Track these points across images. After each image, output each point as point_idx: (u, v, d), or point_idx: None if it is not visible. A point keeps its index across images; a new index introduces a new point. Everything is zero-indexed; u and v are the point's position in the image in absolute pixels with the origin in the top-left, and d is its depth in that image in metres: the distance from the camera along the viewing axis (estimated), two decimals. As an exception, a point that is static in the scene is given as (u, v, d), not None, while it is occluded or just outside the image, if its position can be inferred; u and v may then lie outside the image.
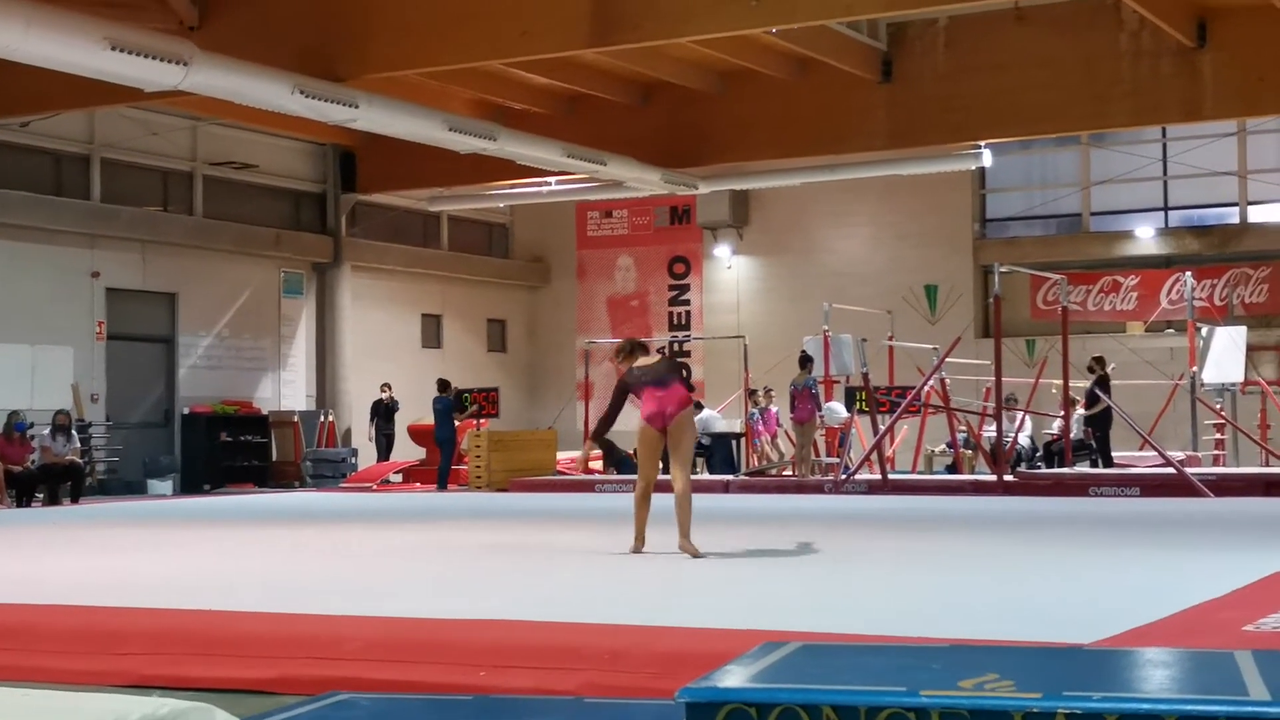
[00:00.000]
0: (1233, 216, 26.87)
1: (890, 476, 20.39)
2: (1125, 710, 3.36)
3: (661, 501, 10.69)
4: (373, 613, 7.22)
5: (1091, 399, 21.18)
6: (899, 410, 21.36)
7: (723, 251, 30.40)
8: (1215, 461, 23.10)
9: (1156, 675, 3.83)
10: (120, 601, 7.82)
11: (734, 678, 3.74)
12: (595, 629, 6.61)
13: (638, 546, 10.33)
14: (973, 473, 22.49)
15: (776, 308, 29.50)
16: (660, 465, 10.67)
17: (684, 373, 11.22)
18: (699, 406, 23.86)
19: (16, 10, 14.09)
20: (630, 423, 32.53)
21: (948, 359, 21.77)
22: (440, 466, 23.16)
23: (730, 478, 21.92)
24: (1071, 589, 8.38)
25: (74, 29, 14.67)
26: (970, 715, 3.44)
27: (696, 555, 9.83)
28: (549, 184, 26.13)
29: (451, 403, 23.28)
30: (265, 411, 25.41)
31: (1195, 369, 22.90)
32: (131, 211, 23.46)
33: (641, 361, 10.69)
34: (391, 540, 12.69)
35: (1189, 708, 3.34)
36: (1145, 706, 3.37)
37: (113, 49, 14.79)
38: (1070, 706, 3.38)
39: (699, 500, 10.24)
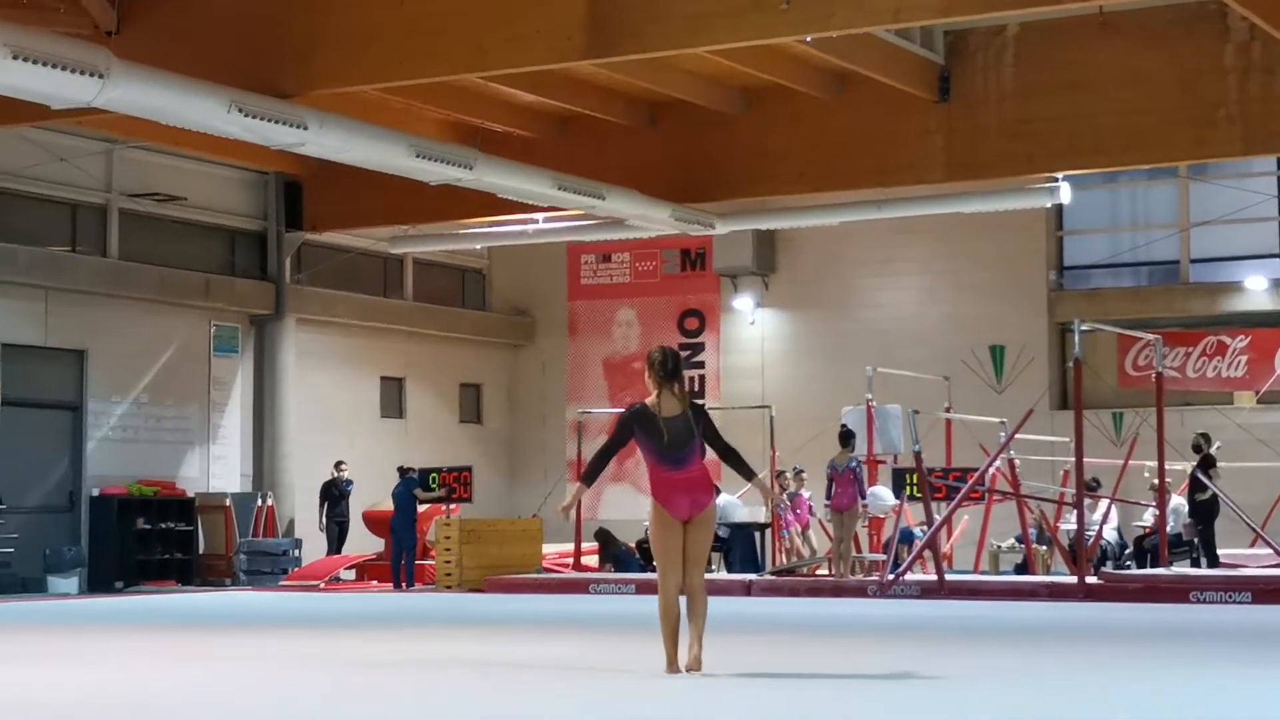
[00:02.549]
0: (1362, 265, 26.94)
1: (947, 577, 20.32)
2: None
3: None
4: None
5: (1194, 485, 21.12)
6: (959, 497, 21.31)
7: (744, 304, 30.44)
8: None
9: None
10: (14, 726, 7.77)
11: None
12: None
13: (672, 669, 9.93)
14: (1048, 573, 22.41)
15: (809, 372, 29.49)
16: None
17: (703, 427, 10.06)
18: (717, 491, 23.80)
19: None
20: (629, 509, 32.30)
21: (1017, 435, 21.73)
22: (394, 559, 23.24)
23: (753, 577, 21.85)
24: (1173, 718, 8.32)
25: (-33, 33, 14.75)
26: None
27: (697, 670, 9.72)
28: (535, 222, 26.18)
29: (414, 483, 23.34)
30: (191, 494, 25.38)
31: (1317, 449, 22.89)
32: (32, 252, 23.51)
33: (665, 402, 9.99)
34: (344, 652, 12.61)
35: None
36: None
37: (14, 58, 14.85)
38: None
39: (713, 605, 10.17)
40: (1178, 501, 22.46)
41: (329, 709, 8.75)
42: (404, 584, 23.26)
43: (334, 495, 25.79)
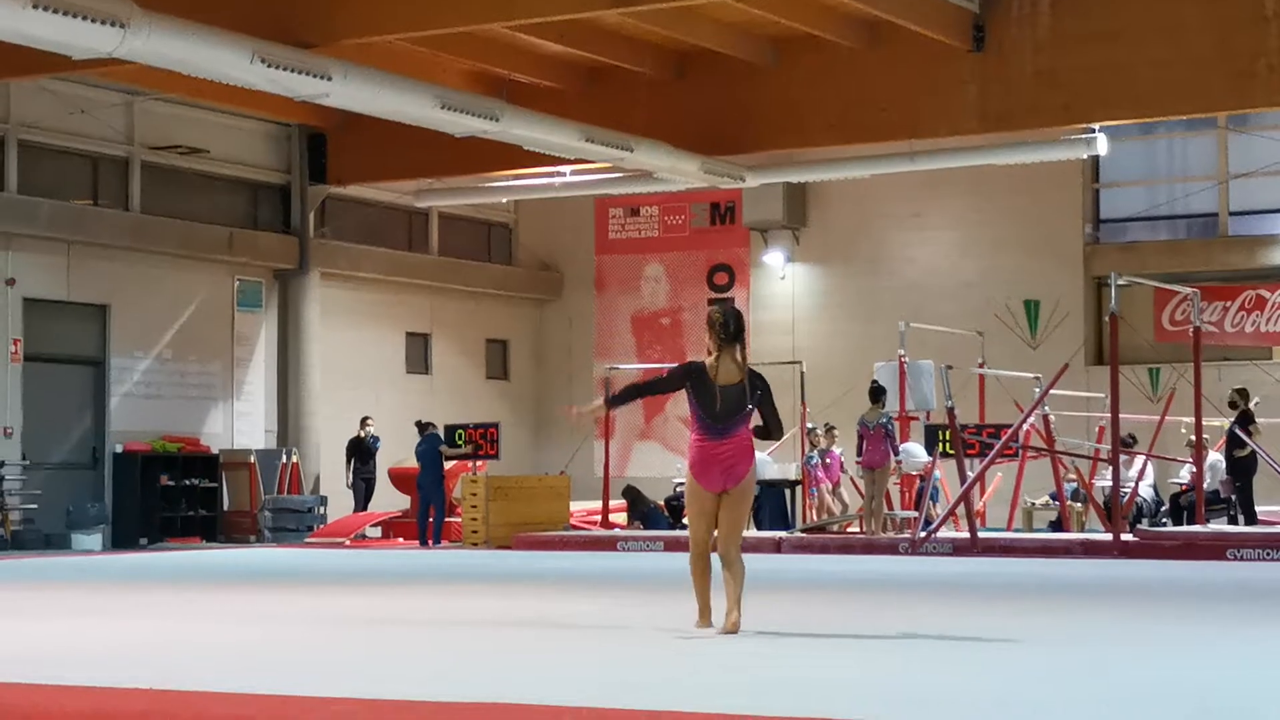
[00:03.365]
0: (1405, 218, 26.82)
1: (980, 535, 20.33)
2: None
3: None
4: (341, 694, 7.22)
5: (1232, 441, 21.09)
6: (992, 454, 21.30)
7: (775, 258, 30.41)
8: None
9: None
10: (37, 678, 7.83)
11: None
12: (615, 714, 6.60)
13: (704, 621, 10.02)
14: (1082, 531, 22.42)
15: (841, 328, 29.48)
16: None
17: (759, 397, 9.87)
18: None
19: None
20: (657, 466, 32.37)
21: (1052, 391, 21.71)
22: (421, 516, 23.31)
23: (783, 535, 21.90)
24: (1207, 675, 8.32)
25: (-13, -18, 14.77)
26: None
27: (734, 631, 9.70)
28: (562, 175, 26.18)
29: (437, 439, 23.40)
30: (215, 450, 25.49)
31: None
32: (54, 206, 23.58)
33: (723, 367, 9.79)
34: (371, 609, 12.68)
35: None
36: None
37: (34, 7, 14.89)
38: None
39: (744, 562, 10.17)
40: (1215, 458, 22.43)
41: (350, 662, 8.80)
42: (430, 541, 23.34)
43: (361, 452, 25.85)
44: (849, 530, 23.05)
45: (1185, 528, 21.22)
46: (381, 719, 6.63)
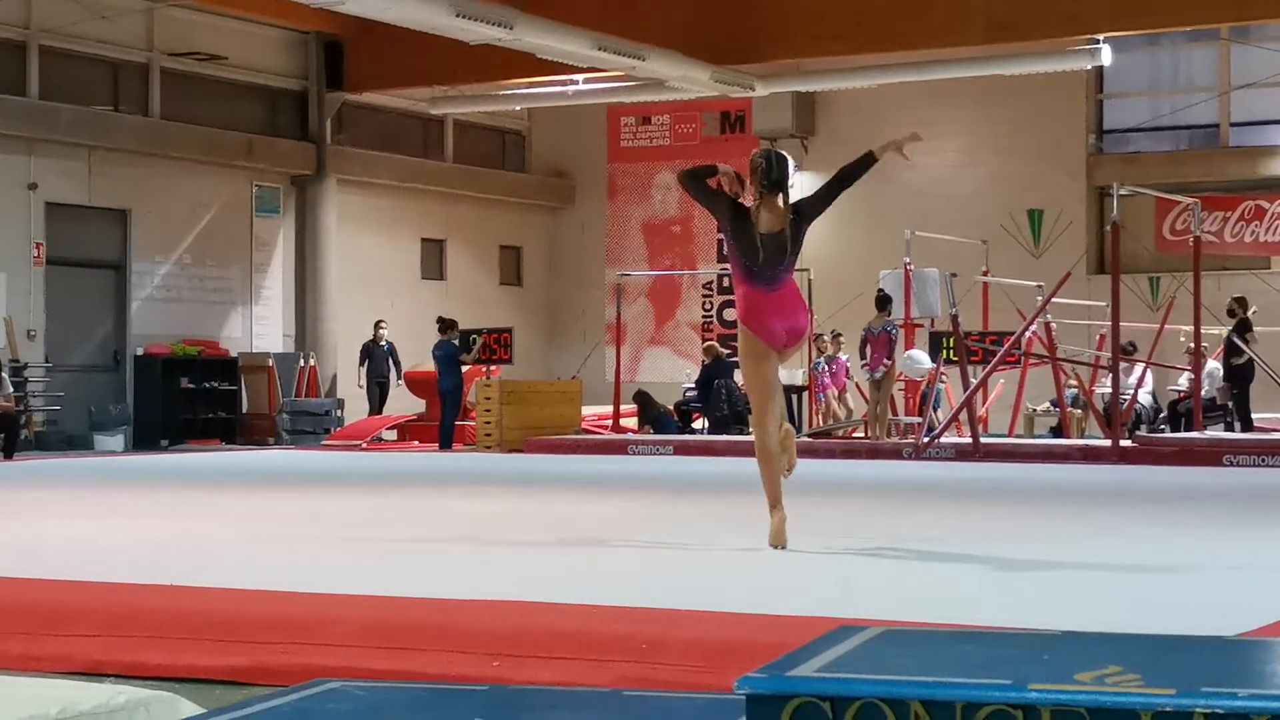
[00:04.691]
0: (1404, 130, 26.67)
1: (983, 440, 20.36)
2: (1279, 710, 3.34)
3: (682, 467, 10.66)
4: (364, 590, 7.25)
5: (1230, 349, 21.07)
6: (994, 361, 21.29)
7: (783, 167, 30.24)
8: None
9: (1313, 672, 3.82)
10: (63, 574, 7.87)
11: (804, 667, 3.74)
12: (632, 613, 6.62)
13: (777, 511, 8.86)
14: (1082, 436, 22.45)
15: (847, 235, 29.40)
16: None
17: (812, 216, 9.14)
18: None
19: None
20: (667, 371, 32.33)
21: (1054, 299, 21.67)
22: (443, 422, 23.26)
23: (790, 439, 21.90)
24: (1203, 575, 8.36)
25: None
26: (1089, 714, 3.43)
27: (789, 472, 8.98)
28: (575, 83, 26.08)
29: (456, 347, 23.33)
30: (234, 354, 25.54)
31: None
32: (75, 111, 23.51)
33: (764, 216, 8.91)
34: (386, 508, 12.74)
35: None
36: (1303, 706, 3.35)
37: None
38: (1212, 705, 3.37)
39: (751, 466, 10.11)
40: (1213, 366, 22.43)
41: (372, 552, 8.84)
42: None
43: (374, 355, 25.85)
44: (854, 435, 23.07)
45: (1183, 434, 21.23)
46: (413, 615, 6.64)
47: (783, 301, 8.83)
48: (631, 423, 25.10)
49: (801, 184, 30.10)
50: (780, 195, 8.92)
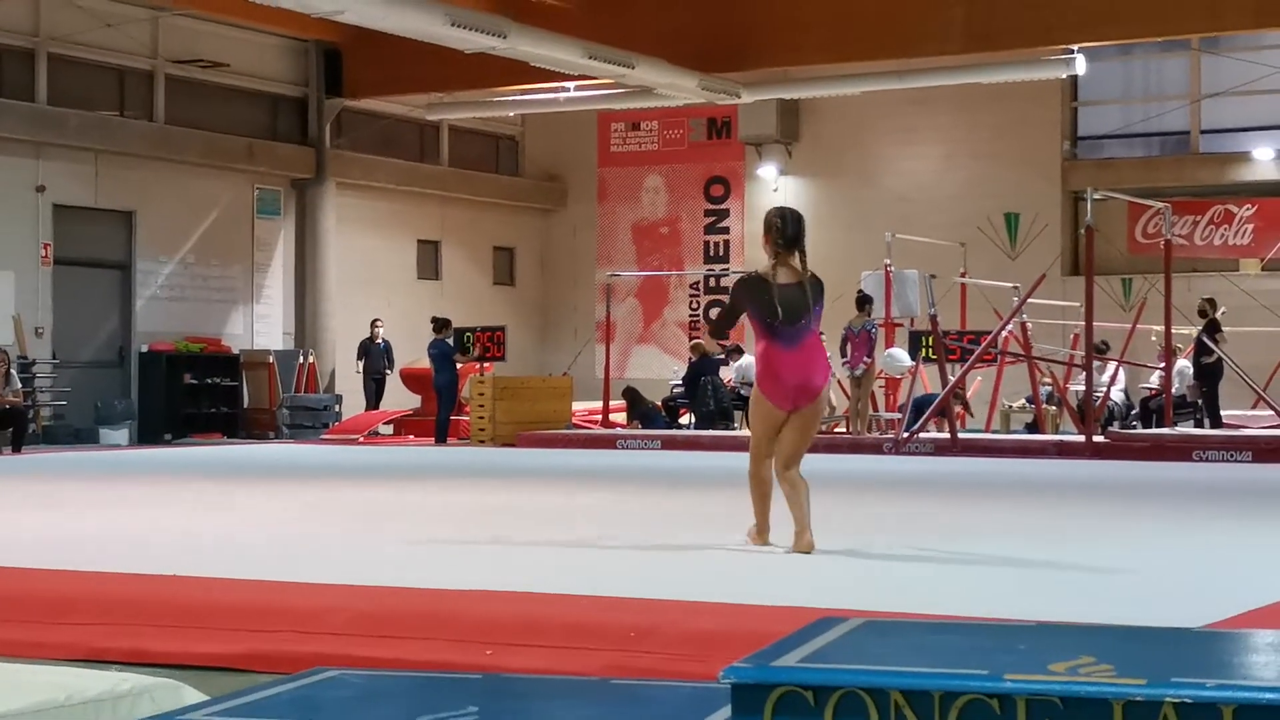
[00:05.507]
0: (1368, 137, 26.70)
1: (960, 436, 20.38)
2: (1245, 700, 3.35)
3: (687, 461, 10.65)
4: (362, 581, 7.25)
5: (1199, 348, 21.10)
6: (972, 359, 21.31)
7: (768, 171, 30.31)
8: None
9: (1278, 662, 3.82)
10: (69, 564, 7.86)
11: (787, 657, 3.74)
12: (621, 603, 6.63)
13: (763, 539, 8.85)
14: (1057, 432, 22.46)
15: (830, 238, 29.33)
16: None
17: (821, 299, 8.74)
18: (739, 351, 23.87)
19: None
20: (655, 368, 32.26)
21: (1030, 300, 21.69)
22: (438, 417, 23.23)
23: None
24: (1173, 567, 8.38)
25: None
26: (1063, 704, 3.43)
27: (809, 551, 8.68)
28: (566, 90, 26.04)
29: (451, 345, 23.31)
30: (236, 350, 25.50)
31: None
32: (82, 116, 23.46)
33: (781, 272, 8.65)
34: (382, 501, 12.74)
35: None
36: (1269, 696, 3.36)
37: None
38: (1180, 695, 3.38)
39: (736, 461, 10.15)
40: (1183, 364, 22.45)
41: (369, 543, 8.84)
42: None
43: (370, 354, 25.85)
44: (836, 430, 23.08)
45: (1154, 430, 21.25)
46: (409, 605, 6.65)
47: (801, 360, 8.57)
48: (620, 418, 25.10)
49: (785, 187, 30.16)
50: (796, 252, 8.70)
